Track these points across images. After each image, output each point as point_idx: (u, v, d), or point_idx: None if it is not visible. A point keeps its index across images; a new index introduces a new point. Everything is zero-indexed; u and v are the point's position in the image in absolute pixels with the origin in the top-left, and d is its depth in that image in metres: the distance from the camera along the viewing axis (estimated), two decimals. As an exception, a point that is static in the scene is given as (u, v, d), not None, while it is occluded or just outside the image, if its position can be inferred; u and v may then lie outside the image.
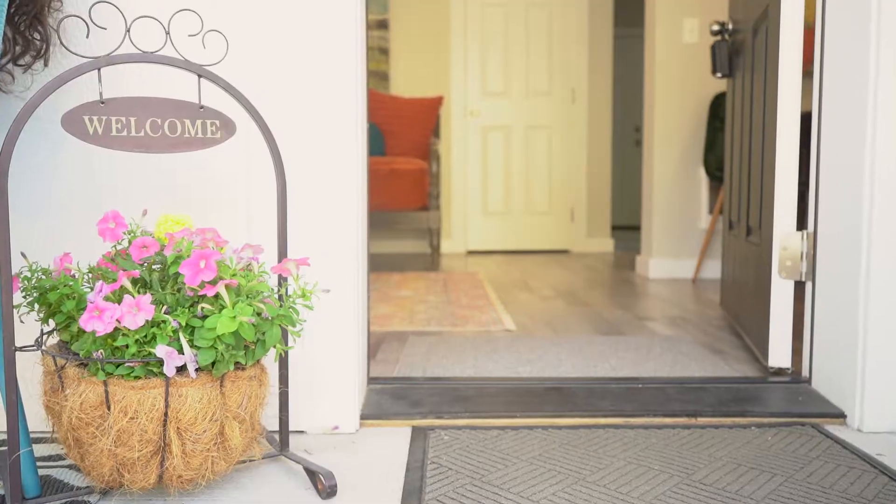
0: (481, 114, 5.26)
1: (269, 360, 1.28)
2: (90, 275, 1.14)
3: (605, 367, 1.86)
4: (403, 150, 4.86)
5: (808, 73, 1.84)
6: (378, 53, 5.21)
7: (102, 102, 1.06)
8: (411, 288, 3.39)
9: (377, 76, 5.22)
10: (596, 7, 5.19)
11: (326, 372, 1.43)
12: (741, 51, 2.35)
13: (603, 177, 5.31)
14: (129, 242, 1.14)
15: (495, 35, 5.22)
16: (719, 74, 2.54)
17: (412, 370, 1.84)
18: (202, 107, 1.14)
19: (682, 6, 3.70)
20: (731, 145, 2.55)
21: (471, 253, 5.31)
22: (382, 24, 5.19)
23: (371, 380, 1.69)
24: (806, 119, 1.72)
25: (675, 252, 3.79)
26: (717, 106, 3.64)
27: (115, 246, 1.15)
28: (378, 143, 4.78)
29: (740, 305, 2.19)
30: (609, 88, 5.26)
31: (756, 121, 2.03)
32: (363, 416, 1.48)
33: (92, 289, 1.09)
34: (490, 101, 5.26)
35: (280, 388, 1.21)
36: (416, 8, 5.22)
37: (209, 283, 0.98)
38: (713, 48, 2.53)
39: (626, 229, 7.51)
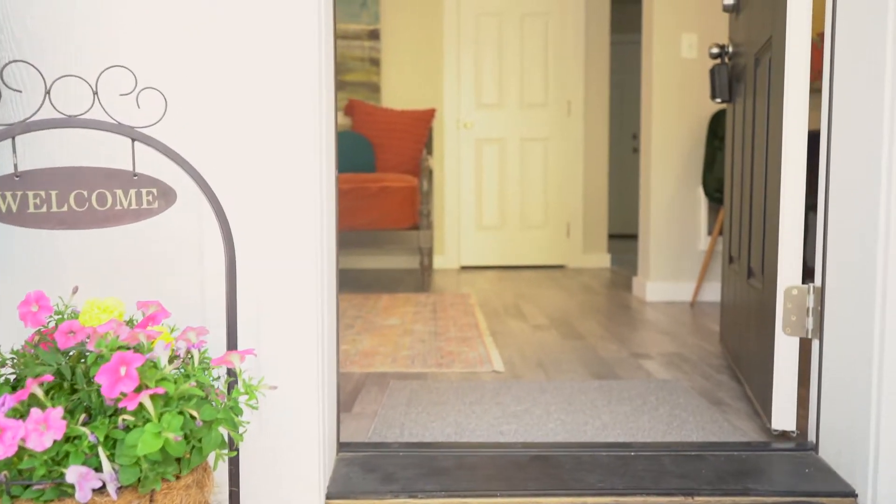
0: (475, 126, 5.14)
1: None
2: (14, 358, 1.02)
3: (595, 424, 1.74)
4: (394, 163, 4.73)
5: (815, 92, 1.72)
6: (369, 64, 5.08)
7: (17, 176, 0.93)
8: (399, 314, 3.27)
9: (368, 88, 5.09)
10: (593, 16, 5.06)
11: (286, 448, 1.31)
12: (742, 76, 2.22)
13: (599, 191, 5.18)
14: (56, 326, 1.01)
15: (489, 45, 5.09)
16: (719, 100, 2.41)
17: (390, 427, 1.72)
18: (136, 174, 1.01)
19: (681, 21, 3.57)
20: (731, 174, 2.43)
21: (464, 269, 5.18)
22: (373, 35, 5.06)
23: (341, 446, 1.56)
24: (814, 141, 1.60)
25: (673, 275, 3.67)
26: (717, 124, 3.51)
27: (38, 331, 1.03)
28: (368, 156, 4.65)
29: (740, 348, 2.07)
30: (606, 100, 5.14)
31: (759, 152, 1.91)
32: (329, 496, 1.35)
33: (9, 383, 0.96)
34: (484, 113, 5.13)
35: (230, 489, 1.09)
36: (408, 18, 5.09)
37: (133, 391, 0.85)
38: (712, 72, 2.40)
39: (625, 238, 7.39)
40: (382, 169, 4.74)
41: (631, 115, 8.24)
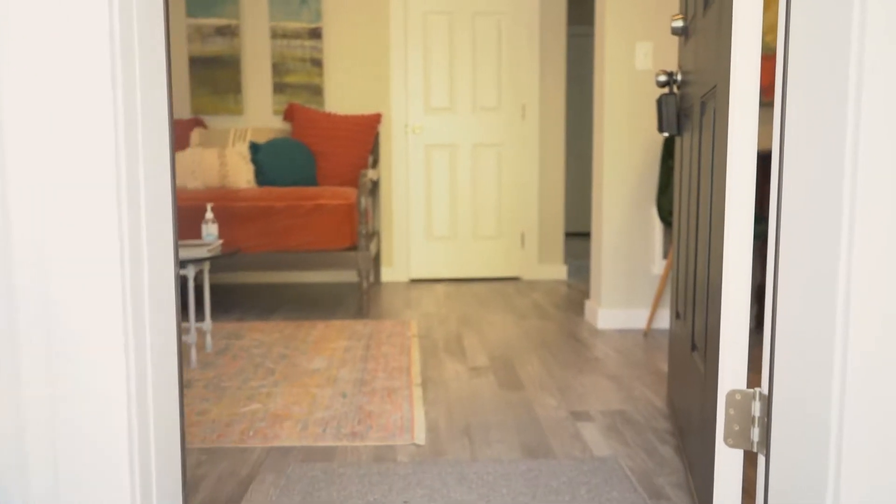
0: (424, 131, 4.85)
1: None
2: None
3: (513, 535, 1.49)
4: (337, 173, 4.44)
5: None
6: (310, 65, 4.75)
7: None
8: (328, 351, 3.00)
9: (309, 90, 4.77)
10: (548, 14, 4.78)
11: None
12: (690, 112, 1.97)
13: (556, 199, 4.94)
14: None
15: (439, 45, 4.80)
16: (666, 134, 2.17)
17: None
18: None
19: (635, 28, 3.31)
20: (678, 216, 2.19)
21: (414, 282, 4.92)
22: (315, 34, 4.73)
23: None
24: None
25: (626, 301, 3.44)
26: (671, 143, 3.28)
27: None
28: (308, 166, 4.35)
29: (686, 423, 1.84)
30: (562, 104, 4.88)
31: (703, 202, 1.66)
32: None
33: None
34: (434, 118, 4.85)
35: None
36: (352, 15, 4.77)
37: None
38: (659, 102, 2.15)
39: (584, 237, 7.16)
40: (324, 180, 4.45)
41: (591, 111, 7.99)
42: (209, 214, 3.02)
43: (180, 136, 4.54)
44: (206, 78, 4.73)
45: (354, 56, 4.79)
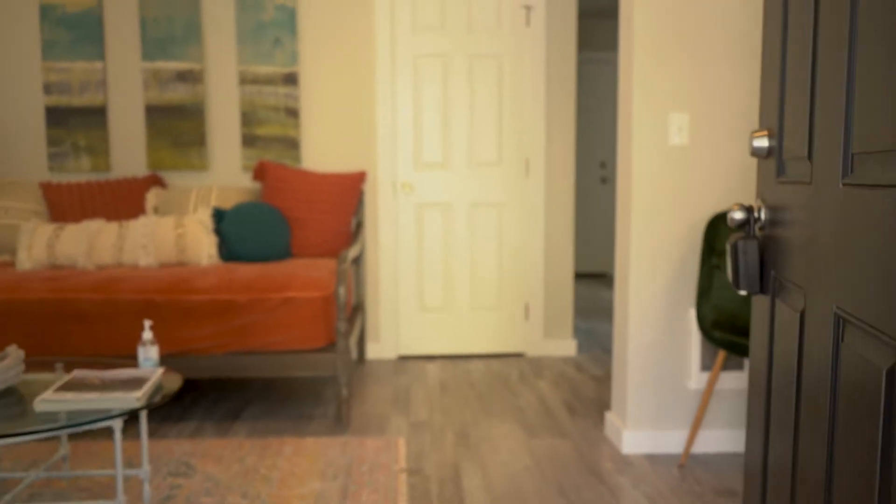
0: (415, 189, 4.27)
1: None
2: None
3: None
4: (315, 243, 3.85)
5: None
6: (285, 115, 4.16)
7: None
8: (296, 490, 2.41)
9: (284, 144, 4.18)
10: (556, 54, 4.21)
11: None
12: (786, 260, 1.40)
13: (563, 265, 4.37)
14: None
15: (432, 93, 4.22)
16: (743, 292, 1.60)
17: None
18: None
19: (668, 97, 2.74)
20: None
21: (403, 359, 4.34)
22: (290, 79, 4.14)
23: None
24: None
25: (656, 420, 2.87)
26: (714, 234, 2.71)
27: None
28: (282, 236, 3.75)
29: None
30: (572, 156, 4.31)
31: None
32: None
33: None
34: (426, 174, 4.27)
35: None
36: (332, 59, 4.19)
37: None
38: (735, 249, 1.58)
39: (592, 278, 6.58)
40: (301, 250, 3.86)
41: (598, 142, 7.45)
42: (147, 334, 2.42)
43: (134, 197, 3.94)
44: (166, 129, 4.13)
45: (336, 105, 4.20)
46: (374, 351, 4.34)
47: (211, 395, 3.66)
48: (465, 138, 4.25)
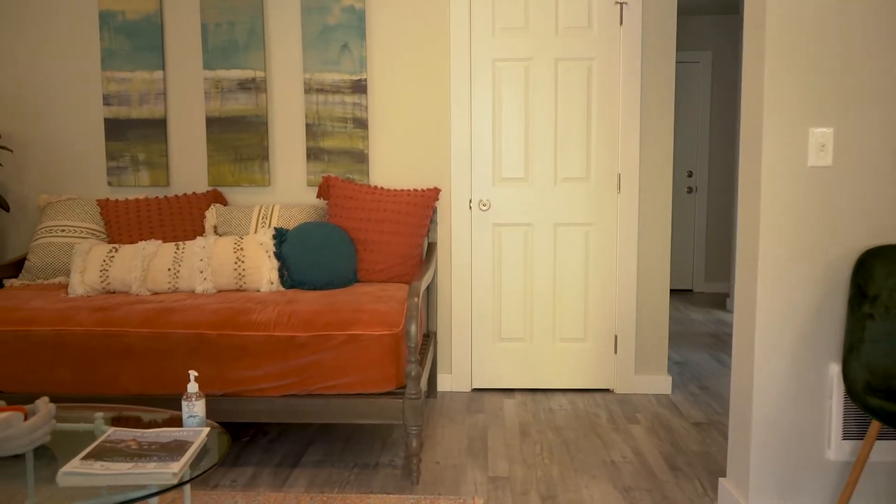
0: (493, 208, 3.88)
1: None
2: None
3: None
4: (383, 267, 3.51)
5: None
6: (352, 126, 3.84)
7: None
8: None
9: (351, 157, 3.85)
10: (652, 53, 3.75)
11: None
12: None
13: (658, 292, 3.89)
14: None
15: (512, 100, 3.82)
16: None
17: None
18: None
19: (808, 109, 2.27)
20: None
21: (477, 392, 3.95)
22: (358, 87, 3.81)
23: None
24: None
25: (785, 492, 2.39)
26: (867, 275, 2.22)
27: None
28: (348, 260, 3.42)
29: None
30: (669, 171, 3.84)
31: None
32: None
33: None
34: (505, 191, 3.87)
35: None
36: (404, 65, 3.84)
37: None
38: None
39: (677, 294, 6.03)
40: (367, 274, 3.52)
41: (685, 149, 6.90)
42: (192, 387, 2.11)
43: (193, 215, 3.68)
44: (227, 141, 3.87)
45: (407, 114, 3.85)
46: (445, 383, 3.97)
47: (270, 433, 3.36)
48: (549, 151, 3.83)
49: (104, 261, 3.28)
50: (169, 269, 3.26)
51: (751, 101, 2.37)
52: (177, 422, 2.19)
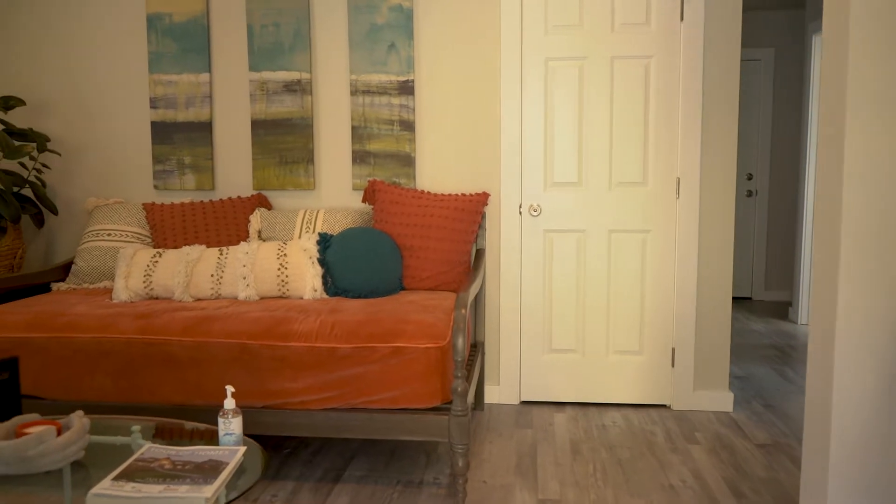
0: (544, 213, 3.72)
1: None
2: None
3: None
4: (429, 275, 3.38)
5: None
6: (399, 128, 3.73)
7: None
8: None
9: (397, 160, 3.74)
10: (715, 49, 3.54)
11: None
12: None
13: (719, 303, 3.68)
14: None
15: (565, 101, 3.65)
16: None
17: None
18: None
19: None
20: None
21: (525, 404, 3.79)
22: (405, 88, 3.70)
23: None
24: None
25: (868, 532, 2.18)
26: (963, 293, 1.99)
27: None
28: (393, 267, 3.31)
29: None
30: (733, 175, 3.62)
31: None
32: None
33: None
34: (557, 196, 3.70)
35: None
36: (452, 64, 3.71)
37: None
38: None
39: (737, 301, 5.75)
40: (413, 284, 3.40)
41: (746, 151, 6.60)
42: (229, 403, 2.01)
43: (238, 220, 3.62)
44: (272, 144, 3.80)
45: (455, 116, 3.72)
46: (493, 395, 3.83)
47: (312, 445, 3.27)
48: (603, 154, 3.66)
49: (148, 266, 3.24)
50: (212, 275, 3.20)
51: (831, 98, 2.16)
52: (215, 436, 2.10)
